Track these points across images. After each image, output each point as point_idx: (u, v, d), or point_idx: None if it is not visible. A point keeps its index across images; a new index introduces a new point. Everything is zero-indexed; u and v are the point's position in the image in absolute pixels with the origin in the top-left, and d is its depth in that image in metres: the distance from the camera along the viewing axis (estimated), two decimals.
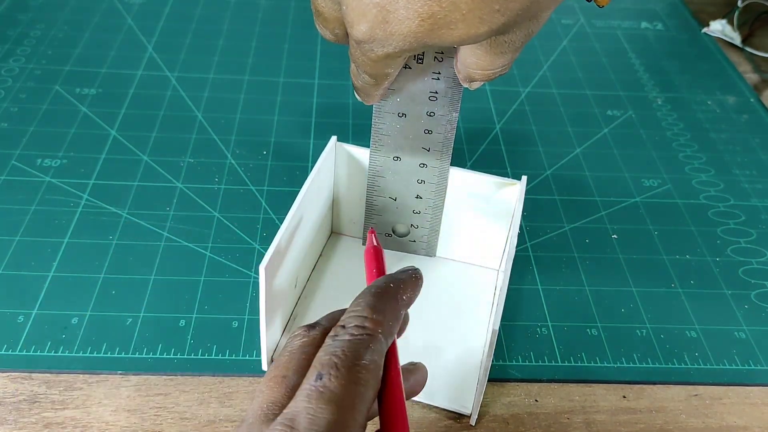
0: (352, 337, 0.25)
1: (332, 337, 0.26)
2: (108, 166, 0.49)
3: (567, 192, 0.49)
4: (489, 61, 0.30)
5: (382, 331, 0.26)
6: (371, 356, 0.25)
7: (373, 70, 0.31)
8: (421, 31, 0.27)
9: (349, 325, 0.26)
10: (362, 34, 0.28)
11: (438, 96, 0.36)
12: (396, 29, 0.27)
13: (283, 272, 0.35)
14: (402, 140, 0.38)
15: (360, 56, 0.30)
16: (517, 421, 0.35)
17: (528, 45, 0.65)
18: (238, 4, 0.69)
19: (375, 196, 0.41)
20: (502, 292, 0.33)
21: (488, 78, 0.31)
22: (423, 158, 0.38)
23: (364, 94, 0.34)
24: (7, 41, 0.61)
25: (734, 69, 0.64)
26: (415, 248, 0.43)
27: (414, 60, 0.35)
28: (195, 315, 0.39)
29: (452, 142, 0.38)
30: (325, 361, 0.24)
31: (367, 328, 0.26)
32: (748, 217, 0.49)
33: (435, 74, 0.35)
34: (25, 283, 0.40)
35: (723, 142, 0.55)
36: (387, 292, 0.28)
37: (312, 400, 0.23)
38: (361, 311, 0.27)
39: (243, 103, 0.56)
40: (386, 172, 0.39)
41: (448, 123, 0.37)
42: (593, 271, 0.44)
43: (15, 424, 0.34)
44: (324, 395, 0.23)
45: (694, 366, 0.39)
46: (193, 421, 0.34)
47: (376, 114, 0.37)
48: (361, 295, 0.28)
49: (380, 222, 0.42)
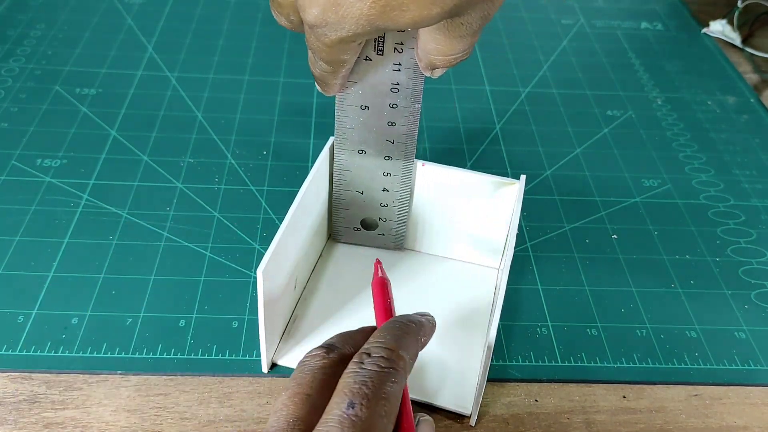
0: (380, 369, 0.26)
1: (358, 363, 0.26)
2: (108, 166, 0.49)
3: (567, 192, 0.49)
4: (449, 45, 0.30)
5: (404, 367, 0.27)
6: (394, 390, 0.26)
7: (329, 56, 0.31)
8: (372, 13, 0.27)
9: (375, 354, 0.27)
10: (314, 17, 0.28)
11: (400, 87, 0.36)
12: (348, 12, 0.27)
13: (281, 274, 0.35)
14: (366, 133, 0.38)
15: (314, 41, 0.30)
16: (516, 421, 0.35)
17: (528, 45, 0.66)
18: (238, 4, 0.69)
19: (342, 189, 0.41)
20: (502, 291, 0.33)
21: (449, 64, 0.31)
22: (388, 151, 0.38)
23: (323, 84, 0.34)
24: (7, 41, 0.61)
25: (734, 69, 0.64)
26: (384, 241, 0.43)
27: (374, 51, 0.34)
28: (195, 315, 0.39)
29: (416, 134, 0.38)
30: (356, 390, 0.25)
31: (392, 361, 0.26)
32: (748, 218, 0.49)
33: (396, 65, 0.35)
34: (25, 283, 0.40)
35: (723, 142, 0.56)
36: (410, 331, 0.29)
37: (345, 428, 0.24)
38: (387, 343, 0.27)
39: (243, 103, 0.56)
40: (352, 166, 0.40)
41: (411, 114, 0.37)
42: (593, 271, 0.44)
43: (15, 424, 0.34)
44: (356, 425, 0.24)
45: (694, 366, 0.39)
46: (193, 421, 0.34)
47: (338, 107, 0.37)
48: (384, 328, 0.29)
49: (348, 216, 0.42)
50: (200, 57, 0.61)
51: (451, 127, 0.55)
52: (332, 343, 0.29)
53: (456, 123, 0.55)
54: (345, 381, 0.26)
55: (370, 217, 0.42)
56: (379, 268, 0.36)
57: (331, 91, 0.35)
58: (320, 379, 0.27)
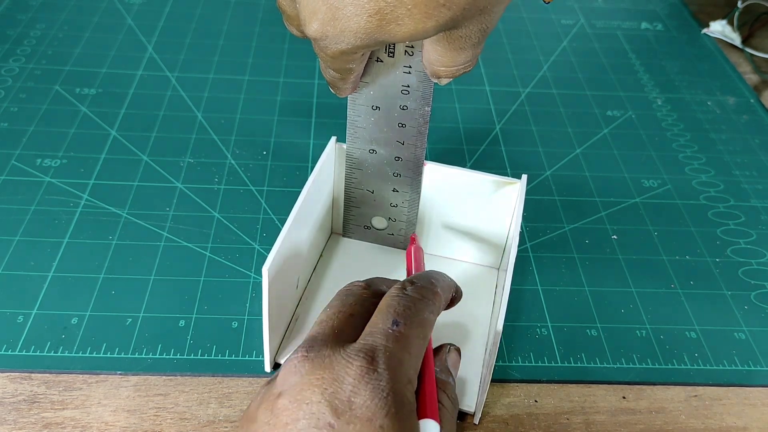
0: (421, 297, 0.29)
1: (401, 289, 0.29)
2: (108, 166, 0.49)
3: (567, 192, 0.49)
4: (450, 57, 0.31)
5: (439, 303, 0.30)
6: (430, 319, 0.29)
7: (335, 65, 0.32)
8: (370, 27, 0.27)
9: (418, 284, 0.30)
10: (314, 31, 0.29)
11: (410, 90, 0.36)
12: (346, 26, 0.28)
13: (285, 273, 0.35)
14: (377, 133, 0.38)
15: (319, 52, 0.30)
16: (516, 421, 0.35)
17: (528, 45, 0.66)
18: (238, 4, 0.69)
19: (353, 188, 0.41)
20: (506, 290, 0.33)
21: (453, 74, 0.32)
22: (398, 151, 0.39)
23: (335, 88, 0.35)
24: (7, 41, 0.61)
25: (734, 70, 0.64)
26: (393, 241, 0.43)
27: (385, 53, 0.35)
28: (195, 315, 0.39)
29: (426, 136, 0.38)
30: (400, 311, 0.28)
31: (432, 292, 0.30)
32: (748, 218, 0.49)
33: (406, 68, 0.35)
34: (25, 283, 0.40)
35: (723, 142, 0.56)
36: (445, 281, 0.32)
37: (390, 341, 0.27)
38: (429, 278, 0.31)
39: (243, 103, 0.56)
40: (363, 165, 0.40)
41: (420, 117, 0.37)
42: (593, 271, 0.44)
43: (14, 425, 0.34)
44: (400, 339, 0.27)
45: (693, 367, 0.39)
46: (192, 422, 0.34)
47: (350, 106, 0.38)
48: (425, 272, 0.32)
49: (358, 214, 0.42)
50: (200, 57, 0.61)
51: (451, 127, 0.55)
52: (371, 282, 0.32)
53: (456, 123, 0.55)
54: (388, 302, 0.29)
55: (381, 217, 0.42)
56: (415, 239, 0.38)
57: (343, 93, 0.36)
58: (361, 304, 0.30)
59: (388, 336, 0.27)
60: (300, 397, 0.25)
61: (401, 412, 0.25)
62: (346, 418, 0.25)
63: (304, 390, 0.26)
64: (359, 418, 0.25)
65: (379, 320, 0.28)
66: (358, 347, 0.27)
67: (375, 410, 0.25)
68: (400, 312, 0.28)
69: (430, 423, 0.27)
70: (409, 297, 0.29)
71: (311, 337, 0.28)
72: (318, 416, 0.25)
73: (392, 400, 0.25)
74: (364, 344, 0.27)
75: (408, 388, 0.27)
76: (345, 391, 0.25)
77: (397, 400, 0.26)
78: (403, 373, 0.26)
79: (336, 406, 0.25)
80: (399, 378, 0.26)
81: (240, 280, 0.41)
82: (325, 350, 0.27)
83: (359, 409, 0.25)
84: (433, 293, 0.30)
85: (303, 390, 0.26)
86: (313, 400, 0.25)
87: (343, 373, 0.26)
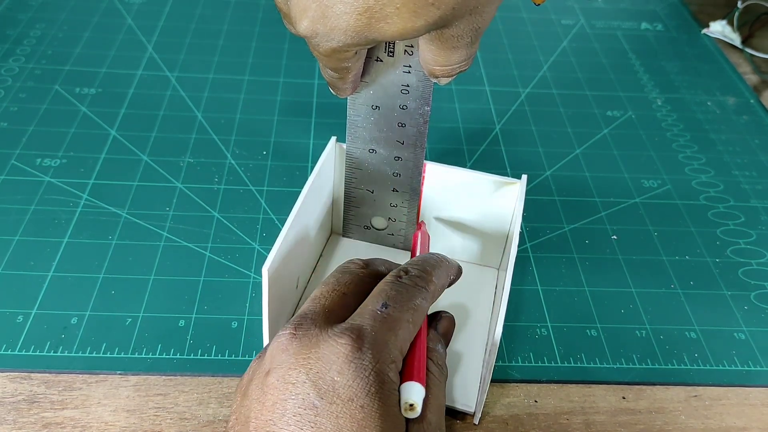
0: (414, 285, 0.30)
1: (395, 277, 0.30)
2: (108, 166, 0.49)
3: (567, 192, 0.49)
4: (444, 56, 0.31)
5: (434, 291, 0.31)
6: (422, 306, 0.30)
7: (330, 64, 0.32)
8: (359, 25, 0.27)
9: (413, 273, 0.31)
10: (304, 29, 0.29)
11: (410, 89, 0.36)
12: (335, 24, 0.28)
13: (285, 273, 0.35)
14: (377, 132, 0.38)
15: (313, 50, 0.31)
16: (516, 421, 0.35)
17: (528, 45, 0.66)
18: (238, 4, 0.69)
19: (353, 187, 0.41)
20: (506, 290, 0.33)
21: (449, 74, 0.32)
22: (397, 151, 0.39)
23: (335, 88, 0.35)
24: (7, 41, 0.61)
25: (734, 70, 0.64)
26: (393, 241, 0.43)
27: (384, 53, 0.35)
28: (194, 315, 0.39)
29: (425, 136, 0.38)
30: (392, 295, 0.29)
31: (426, 281, 0.30)
32: (748, 218, 0.49)
33: (406, 67, 0.35)
34: (25, 283, 0.40)
35: (723, 143, 0.56)
36: (443, 265, 0.32)
37: (377, 322, 0.28)
38: (424, 267, 0.31)
39: (243, 103, 0.56)
40: (363, 164, 0.40)
41: (420, 116, 0.37)
42: (593, 271, 0.44)
43: (14, 424, 0.34)
44: (387, 321, 0.28)
45: (693, 367, 0.39)
46: (192, 422, 0.34)
47: (350, 106, 0.38)
48: (422, 257, 0.32)
49: (358, 214, 0.42)
50: (200, 57, 0.61)
51: (451, 128, 0.55)
52: (370, 261, 0.33)
53: (456, 123, 0.55)
54: (382, 287, 0.30)
55: (381, 217, 0.42)
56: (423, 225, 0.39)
57: (343, 94, 0.36)
58: (357, 283, 0.31)
59: (375, 317, 0.28)
60: (287, 377, 0.26)
61: (382, 390, 0.26)
62: (329, 398, 0.25)
63: (290, 370, 0.26)
64: (341, 398, 0.25)
65: (369, 302, 0.29)
66: (346, 326, 0.27)
67: (357, 390, 0.26)
68: (392, 296, 0.29)
69: (414, 385, 0.27)
70: (402, 284, 0.30)
71: (302, 314, 0.29)
72: (303, 397, 0.25)
73: (374, 379, 0.26)
74: (351, 324, 0.27)
75: (391, 368, 0.27)
76: (330, 370, 0.26)
77: (379, 380, 0.26)
78: (387, 354, 0.27)
79: (320, 386, 0.26)
80: (383, 358, 0.27)
81: (240, 280, 0.41)
82: (314, 329, 0.27)
83: (342, 389, 0.26)
84: (428, 281, 0.30)
85: (290, 370, 0.26)
86: (298, 381, 0.26)
87: (328, 353, 0.26)
